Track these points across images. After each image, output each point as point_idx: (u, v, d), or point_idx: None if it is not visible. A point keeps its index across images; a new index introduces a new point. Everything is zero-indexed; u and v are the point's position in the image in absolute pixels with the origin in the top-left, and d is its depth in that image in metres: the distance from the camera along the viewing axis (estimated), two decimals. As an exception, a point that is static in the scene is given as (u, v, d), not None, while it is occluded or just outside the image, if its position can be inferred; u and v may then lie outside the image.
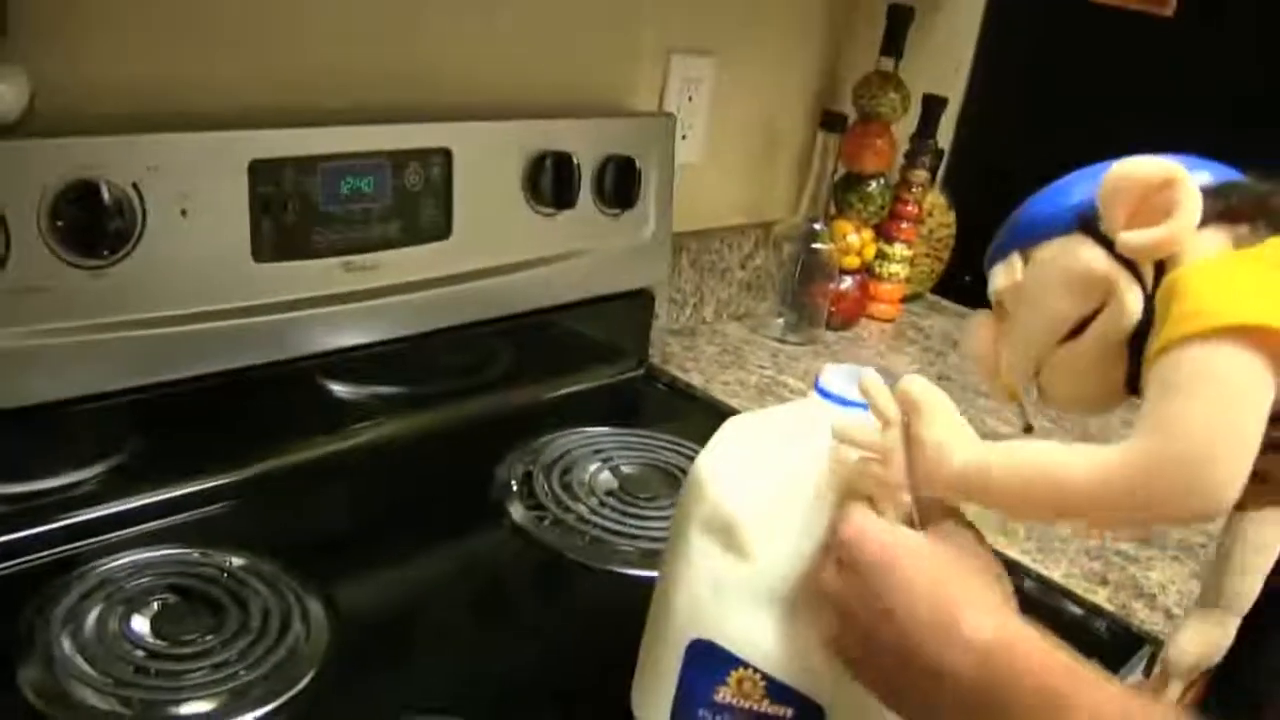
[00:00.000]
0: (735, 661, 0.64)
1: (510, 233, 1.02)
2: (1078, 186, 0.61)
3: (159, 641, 0.72)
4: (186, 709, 0.68)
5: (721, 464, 0.67)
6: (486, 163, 0.99)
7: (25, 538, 0.80)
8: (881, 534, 0.59)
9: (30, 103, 0.76)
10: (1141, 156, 0.58)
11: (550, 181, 1.03)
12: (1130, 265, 0.58)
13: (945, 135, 1.61)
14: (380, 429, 1.00)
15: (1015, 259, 0.63)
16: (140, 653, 0.71)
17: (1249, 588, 0.77)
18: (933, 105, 1.51)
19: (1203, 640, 0.78)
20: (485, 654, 0.79)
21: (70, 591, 0.74)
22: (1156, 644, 0.91)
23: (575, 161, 1.03)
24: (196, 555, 0.80)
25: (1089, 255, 0.59)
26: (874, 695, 0.60)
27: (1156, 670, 0.86)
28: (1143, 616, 0.93)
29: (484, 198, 0.99)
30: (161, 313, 0.81)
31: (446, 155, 0.96)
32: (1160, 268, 0.57)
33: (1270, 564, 0.76)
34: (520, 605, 0.86)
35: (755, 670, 0.64)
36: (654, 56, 1.24)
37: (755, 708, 0.64)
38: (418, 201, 0.94)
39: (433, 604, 0.84)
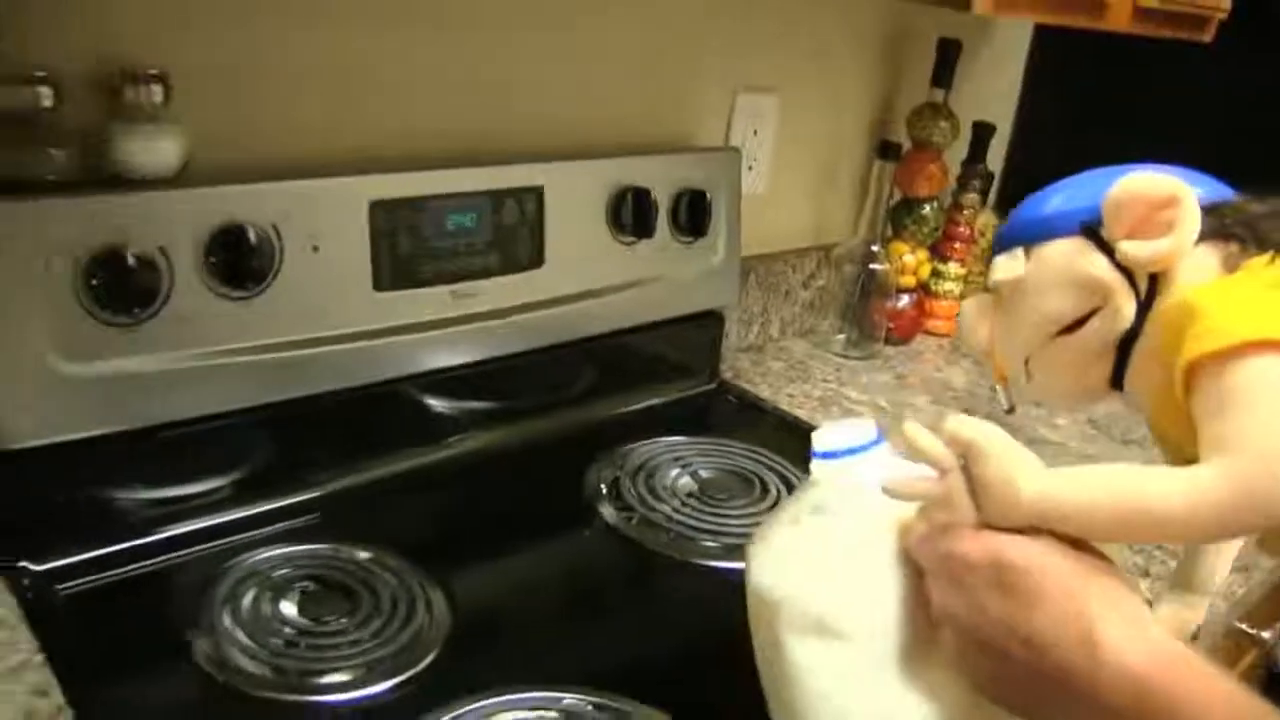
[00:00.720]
0: None
1: (596, 261, 1.12)
2: (1085, 190, 0.64)
3: (304, 621, 0.82)
4: (328, 679, 0.77)
5: (772, 573, 0.65)
6: (574, 198, 1.09)
7: (184, 534, 0.91)
8: (994, 543, 0.57)
9: (188, 157, 0.87)
10: (1147, 171, 0.61)
11: (631, 213, 1.12)
12: (1127, 274, 0.62)
13: (996, 159, 1.69)
14: (480, 440, 1.10)
15: (1019, 253, 0.66)
16: (289, 629, 0.81)
17: (1221, 568, 0.79)
18: (982, 132, 1.59)
19: (1172, 618, 0.78)
20: (586, 636, 0.88)
21: (226, 579, 0.85)
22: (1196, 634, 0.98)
23: (653, 195, 1.13)
24: (329, 550, 0.91)
25: (1090, 261, 0.62)
26: (1011, 714, 0.58)
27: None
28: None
29: (572, 230, 1.09)
30: (295, 337, 0.92)
31: (539, 192, 1.05)
32: (1153, 279, 0.61)
33: (1239, 546, 0.77)
34: (615, 593, 0.95)
35: None
36: (721, 96, 1.33)
37: None
38: (514, 234, 1.04)
39: (538, 593, 0.93)
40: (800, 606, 0.62)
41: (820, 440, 0.66)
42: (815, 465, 0.67)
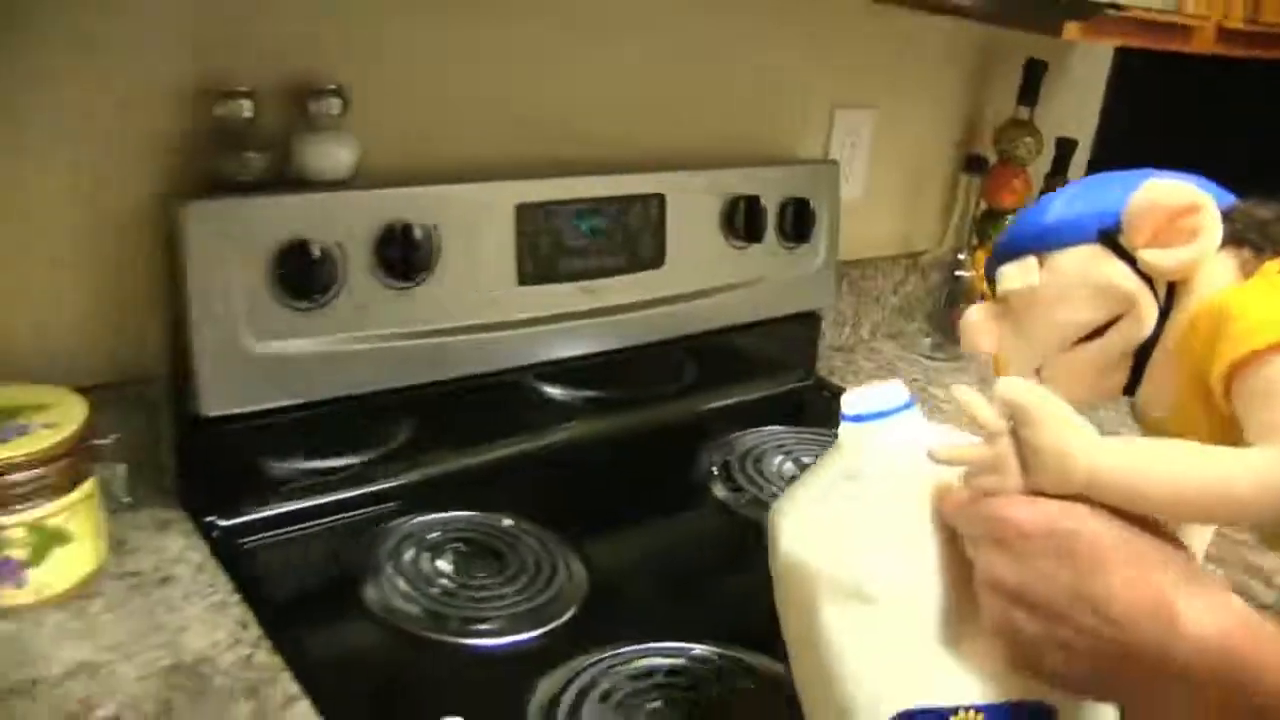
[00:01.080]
0: (943, 713, 0.58)
1: (710, 263, 1.21)
2: (1095, 196, 0.64)
3: (458, 577, 0.92)
4: (480, 626, 0.87)
5: (807, 542, 0.63)
6: (691, 205, 1.18)
7: (346, 498, 1.02)
8: (1050, 509, 0.55)
9: (360, 162, 0.98)
10: (1166, 179, 0.61)
11: (742, 220, 1.21)
12: (1148, 281, 0.61)
13: (1078, 172, 1.75)
14: (602, 425, 1.20)
15: (1031, 261, 0.64)
16: (445, 581, 0.92)
17: (1199, 552, 0.77)
18: (1065, 147, 1.64)
19: None
20: (709, 599, 0.96)
21: (387, 539, 0.96)
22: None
23: (762, 203, 1.22)
24: (476, 516, 1.01)
25: (1113, 269, 0.61)
26: (1066, 688, 0.57)
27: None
28: (1258, 593, 1.05)
29: (689, 234, 1.18)
30: (448, 325, 1.02)
31: (661, 199, 1.15)
32: (1171, 285, 0.61)
33: (1212, 530, 0.76)
34: (732, 563, 1.03)
35: (968, 709, 0.58)
36: (822, 112, 1.42)
37: None
38: (638, 237, 1.14)
39: (664, 561, 1.02)
40: (838, 574, 0.60)
41: (850, 404, 0.64)
42: (844, 429, 0.65)
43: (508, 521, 1.00)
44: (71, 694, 0.74)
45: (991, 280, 0.69)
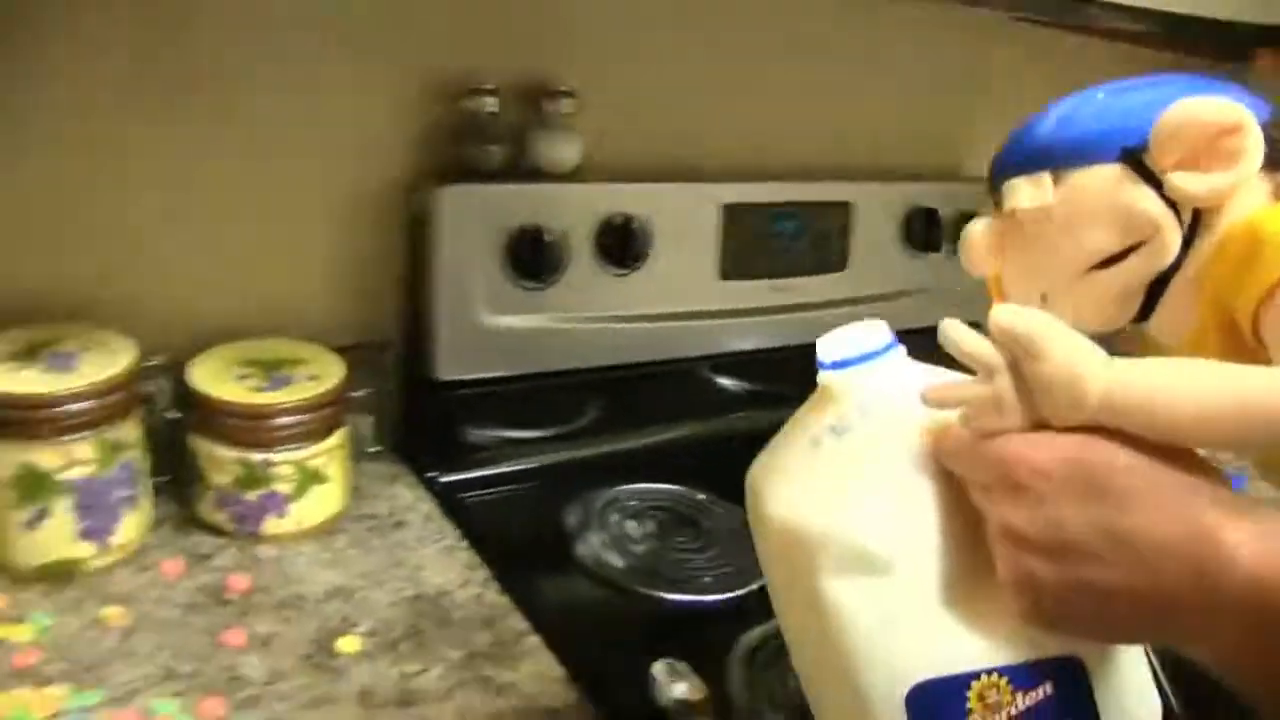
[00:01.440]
0: (964, 680, 0.52)
1: (888, 269, 1.29)
2: (1119, 109, 0.57)
3: (656, 541, 1.01)
4: (673, 585, 0.95)
5: (801, 507, 0.55)
6: (875, 213, 1.26)
7: (555, 464, 1.11)
8: (1064, 443, 0.49)
9: (585, 158, 1.08)
10: (1203, 96, 0.54)
11: (920, 230, 1.28)
12: (1173, 205, 0.55)
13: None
14: (767, 416, 1.24)
15: (1045, 178, 0.58)
16: (648, 543, 1.00)
17: None
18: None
19: None
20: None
21: (592, 505, 1.04)
22: None
23: (939, 215, 1.29)
24: (675, 489, 1.09)
25: (1139, 193, 0.55)
26: (1094, 636, 0.52)
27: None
28: None
29: (872, 240, 1.26)
30: (655, 311, 1.11)
31: (847, 207, 1.23)
32: (1195, 211, 0.55)
33: None
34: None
35: (989, 673, 0.52)
36: (992, 132, 1.47)
37: (1012, 710, 0.52)
38: (825, 240, 1.22)
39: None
40: (840, 541, 0.53)
41: (828, 349, 0.58)
42: (824, 378, 0.58)
43: (701, 496, 1.08)
44: (332, 611, 0.84)
45: (996, 191, 0.62)
